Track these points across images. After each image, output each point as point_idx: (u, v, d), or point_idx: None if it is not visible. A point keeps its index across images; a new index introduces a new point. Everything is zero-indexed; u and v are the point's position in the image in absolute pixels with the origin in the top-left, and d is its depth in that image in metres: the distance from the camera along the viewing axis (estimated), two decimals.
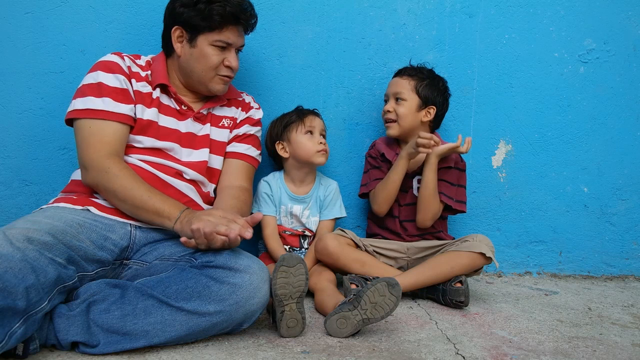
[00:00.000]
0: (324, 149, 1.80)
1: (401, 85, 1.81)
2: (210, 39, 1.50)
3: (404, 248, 1.82)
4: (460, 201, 1.82)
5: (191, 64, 1.53)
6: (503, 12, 2.06)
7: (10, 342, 1.04)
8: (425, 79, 1.81)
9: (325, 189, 1.87)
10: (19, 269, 1.06)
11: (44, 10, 1.81)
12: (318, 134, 1.81)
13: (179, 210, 1.32)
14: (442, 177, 1.80)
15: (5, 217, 1.81)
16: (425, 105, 1.80)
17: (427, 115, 1.81)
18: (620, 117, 2.13)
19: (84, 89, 1.45)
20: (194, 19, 1.48)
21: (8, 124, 1.81)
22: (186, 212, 1.32)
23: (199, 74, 1.54)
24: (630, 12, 2.10)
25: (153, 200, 1.33)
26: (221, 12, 1.47)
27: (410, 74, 1.82)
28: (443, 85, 1.84)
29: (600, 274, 2.17)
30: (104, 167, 1.36)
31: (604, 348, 1.36)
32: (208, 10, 1.46)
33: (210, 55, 1.52)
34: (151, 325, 1.17)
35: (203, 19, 1.48)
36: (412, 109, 1.79)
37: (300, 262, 1.30)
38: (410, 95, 1.79)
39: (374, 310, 1.31)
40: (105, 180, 1.36)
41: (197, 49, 1.51)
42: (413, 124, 1.81)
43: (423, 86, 1.79)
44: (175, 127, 1.55)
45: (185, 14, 1.49)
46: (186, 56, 1.53)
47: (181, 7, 1.49)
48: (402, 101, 1.79)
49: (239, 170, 1.64)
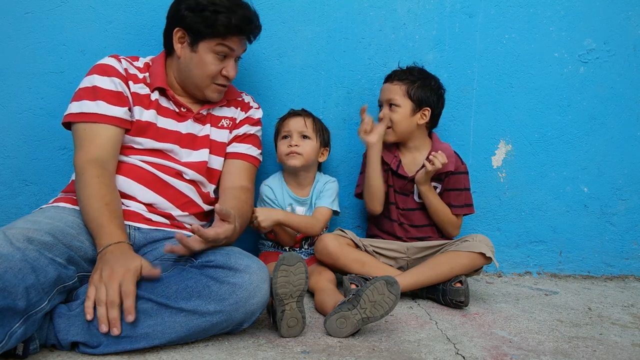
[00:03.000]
0: (292, 152, 1.76)
1: (393, 91, 1.79)
2: (212, 47, 1.50)
3: (403, 248, 1.82)
4: (468, 204, 1.84)
5: (190, 68, 1.53)
6: (503, 12, 2.06)
7: (10, 342, 1.04)
8: (416, 81, 1.78)
9: (323, 184, 1.85)
10: (19, 269, 1.06)
11: (44, 10, 1.81)
12: (296, 136, 1.77)
13: (107, 243, 1.25)
14: (448, 186, 1.81)
15: (5, 217, 1.81)
16: (420, 108, 1.78)
17: (422, 118, 1.80)
18: (620, 117, 2.13)
19: (80, 93, 1.46)
20: (198, 25, 1.48)
21: (8, 124, 1.82)
22: (111, 248, 1.24)
23: (196, 80, 1.54)
24: (630, 12, 2.10)
25: (97, 220, 1.29)
26: (226, 23, 1.47)
27: (401, 78, 1.79)
28: (436, 83, 1.82)
29: (600, 274, 2.17)
30: (81, 171, 1.37)
31: (604, 348, 1.36)
32: (213, 20, 1.46)
33: (210, 63, 1.52)
34: (151, 326, 1.17)
35: (207, 26, 1.47)
36: (406, 115, 1.78)
37: (300, 261, 1.30)
38: (403, 100, 1.77)
39: (373, 309, 1.31)
40: (78, 184, 1.36)
41: (197, 54, 1.51)
42: (409, 129, 1.80)
43: (415, 89, 1.77)
44: (175, 128, 1.55)
45: (190, 18, 1.48)
46: (186, 59, 1.53)
47: (186, 10, 1.48)
48: (395, 107, 1.77)
49: (240, 171, 1.64)
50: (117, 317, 1.14)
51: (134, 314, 1.15)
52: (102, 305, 1.14)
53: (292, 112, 1.84)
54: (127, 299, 1.15)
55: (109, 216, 1.30)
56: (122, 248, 1.25)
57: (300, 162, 1.77)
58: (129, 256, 1.23)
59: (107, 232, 1.27)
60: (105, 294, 1.14)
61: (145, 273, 1.20)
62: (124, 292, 1.15)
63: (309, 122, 1.80)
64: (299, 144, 1.77)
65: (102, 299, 1.14)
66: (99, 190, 1.33)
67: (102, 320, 1.14)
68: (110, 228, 1.28)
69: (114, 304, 1.14)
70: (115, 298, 1.14)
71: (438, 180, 1.81)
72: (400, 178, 1.83)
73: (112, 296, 1.14)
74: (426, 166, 1.72)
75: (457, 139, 2.05)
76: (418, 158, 1.83)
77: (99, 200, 1.32)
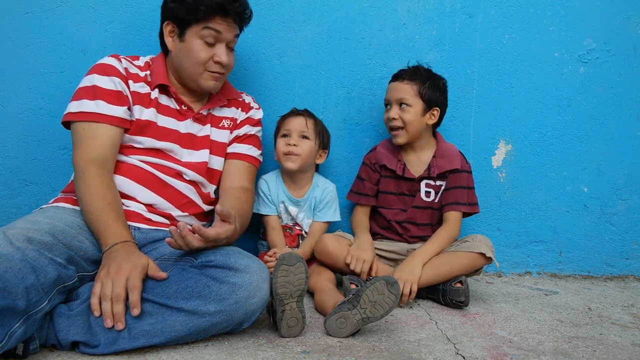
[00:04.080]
0: (290, 152, 1.75)
1: (404, 90, 1.76)
2: (198, 32, 1.48)
3: (404, 250, 1.82)
4: (472, 203, 1.83)
5: (181, 58, 1.53)
6: (503, 12, 2.06)
7: (11, 342, 1.04)
8: (427, 81, 1.76)
9: (321, 191, 1.85)
10: (19, 269, 1.05)
11: (44, 10, 1.81)
12: (295, 136, 1.77)
13: (113, 242, 1.26)
14: (454, 183, 1.80)
15: (5, 217, 1.81)
16: (430, 108, 1.77)
17: (432, 118, 1.78)
18: (620, 117, 2.14)
19: (80, 92, 1.46)
20: (182, 12, 1.47)
21: (8, 124, 1.82)
22: (118, 247, 1.25)
23: (188, 70, 1.53)
24: (630, 12, 2.10)
25: (101, 219, 1.29)
26: (207, 2, 1.46)
27: (412, 77, 1.77)
28: (443, 84, 1.81)
29: (600, 274, 2.17)
30: (82, 171, 1.37)
31: (604, 348, 1.36)
32: (194, 2, 1.46)
33: (198, 50, 1.49)
34: (151, 325, 1.17)
35: (189, 11, 1.46)
36: (417, 114, 1.75)
37: (300, 261, 1.30)
38: (415, 100, 1.75)
39: (373, 309, 1.31)
40: (79, 184, 1.36)
41: (185, 43, 1.50)
42: (420, 129, 1.78)
43: (426, 89, 1.75)
44: (174, 127, 1.55)
45: (175, 9, 1.48)
46: (176, 51, 1.53)
47: (172, 2, 1.49)
48: (406, 107, 1.74)
49: (240, 171, 1.64)
50: (121, 311, 1.15)
51: (139, 307, 1.16)
52: (107, 301, 1.15)
53: (295, 112, 1.84)
54: (133, 293, 1.16)
55: (113, 215, 1.31)
56: (129, 247, 1.26)
57: (297, 165, 1.77)
58: (136, 254, 1.24)
59: (112, 231, 1.28)
60: (111, 289, 1.15)
61: (151, 273, 1.21)
62: (130, 286, 1.16)
63: (310, 122, 1.79)
64: (298, 144, 1.76)
65: (107, 294, 1.15)
66: (101, 190, 1.34)
67: (107, 315, 1.14)
68: (116, 227, 1.29)
69: (120, 297, 1.15)
70: (121, 292, 1.15)
71: (442, 178, 1.81)
72: (408, 180, 1.82)
73: (118, 290, 1.15)
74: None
75: (457, 139, 2.05)
76: (423, 158, 1.83)
77: (102, 200, 1.32)
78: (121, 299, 1.15)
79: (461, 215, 1.81)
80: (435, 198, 1.82)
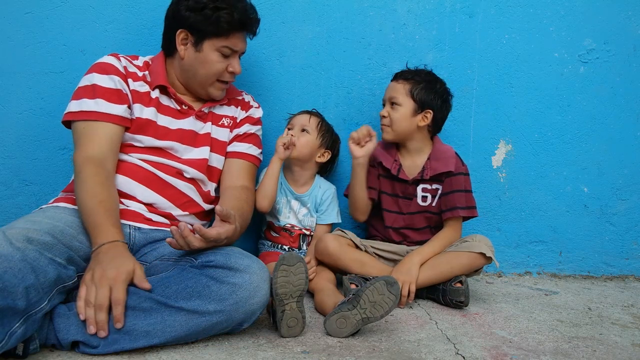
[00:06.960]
0: (285, 141, 1.73)
1: (396, 89, 1.76)
2: (217, 45, 1.51)
3: (403, 250, 1.81)
4: (471, 207, 1.80)
5: (195, 68, 1.53)
6: (503, 12, 2.06)
7: (10, 341, 1.04)
8: (421, 82, 1.75)
9: (322, 192, 1.86)
10: (19, 269, 1.05)
11: (44, 10, 1.81)
12: (297, 129, 1.80)
13: (101, 242, 1.25)
14: (451, 187, 1.78)
15: (5, 217, 1.81)
16: (422, 110, 1.76)
17: (423, 120, 1.76)
18: (620, 117, 2.13)
19: (79, 91, 1.46)
20: (201, 24, 1.48)
21: (8, 124, 1.81)
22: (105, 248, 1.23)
23: (201, 78, 1.55)
24: (630, 12, 2.10)
25: (91, 219, 1.28)
26: (229, 19, 1.47)
27: (407, 77, 1.77)
28: (441, 87, 1.79)
29: (600, 274, 2.17)
30: (79, 169, 1.37)
31: (604, 348, 1.36)
32: (215, 17, 1.46)
33: (215, 62, 1.52)
34: (151, 325, 1.17)
35: (210, 24, 1.47)
36: (406, 114, 1.75)
37: (300, 261, 1.30)
38: (405, 99, 1.75)
39: (373, 309, 1.31)
40: (76, 182, 1.36)
41: (202, 53, 1.51)
42: (408, 129, 1.77)
43: (418, 90, 1.74)
44: (175, 126, 1.55)
45: (192, 19, 1.48)
46: (190, 59, 1.53)
47: (187, 10, 1.48)
48: (396, 106, 1.75)
49: (240, 170, 1.64)
50: (104, 320, 1.14)
51: (122, 321, 1.15)
52: (90, 307, 1.14)
53: (303, 111, 1.86)
54: (117, 307, 1.14)
55: (103, 214, 1.29)
56: (117, 247, 1.24)
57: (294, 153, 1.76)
58: (122, 258, 1.22)
59: (101, 230, 1.26)
60: (94, 297, 1.14)
61: (136, 281, 1.20)
62: (113, 299, 1.14)
63: (313, 119, 1.82)
64: (296, 135, 1.78)
65: (91, 301, 1.14)
66: (94, 188, 1.33)
67: (90, 322, 1.14)
68: (105, 227, 1.27)
69: (102, 307, 1.14)
70: (103, 302, 1.14)
71: (438, 181, 1.80)
72: (401, 182, 1.82)
73: (101, 300, 1.14)
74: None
75: (457, 139, 2.05)
76: (418, 161, 1.82)
77: (93, 198, 1.31)
78: (104, 309, 1.14)
79: (461, 219, 1.80)
80: (433, 202, 1.81)
